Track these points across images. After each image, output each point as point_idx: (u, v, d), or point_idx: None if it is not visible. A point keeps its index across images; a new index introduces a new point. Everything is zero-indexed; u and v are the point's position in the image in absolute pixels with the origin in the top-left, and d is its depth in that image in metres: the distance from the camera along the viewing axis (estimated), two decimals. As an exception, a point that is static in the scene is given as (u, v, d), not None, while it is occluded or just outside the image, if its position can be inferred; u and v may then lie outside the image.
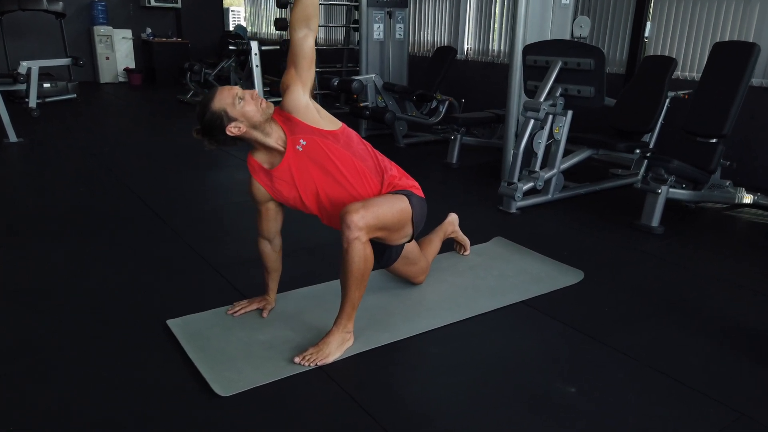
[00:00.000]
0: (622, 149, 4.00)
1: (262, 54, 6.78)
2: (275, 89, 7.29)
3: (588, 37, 4.68)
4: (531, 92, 3.98)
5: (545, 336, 2.30)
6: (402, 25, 6.14)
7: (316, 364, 2.04)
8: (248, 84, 7.10)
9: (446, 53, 6.00)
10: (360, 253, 1.99)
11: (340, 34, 8.91)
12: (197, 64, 8.48)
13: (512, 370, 2.06)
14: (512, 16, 4.25)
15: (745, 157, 4.40)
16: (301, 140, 2.12)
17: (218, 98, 2.06)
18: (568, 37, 4.49)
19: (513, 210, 3.77)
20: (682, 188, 3.64)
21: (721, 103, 3.53)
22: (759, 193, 3.93)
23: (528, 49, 3.92)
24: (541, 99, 3.69)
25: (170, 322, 2.30)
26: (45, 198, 4.07)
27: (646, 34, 5.06)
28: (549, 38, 4.32)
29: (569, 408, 1.85)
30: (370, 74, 5.78)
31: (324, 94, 7.32)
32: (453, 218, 2.94)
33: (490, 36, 6.60)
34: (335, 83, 5.67)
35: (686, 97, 4.48)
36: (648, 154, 3.98)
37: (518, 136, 3.81)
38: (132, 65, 10.89)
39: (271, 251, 2.38)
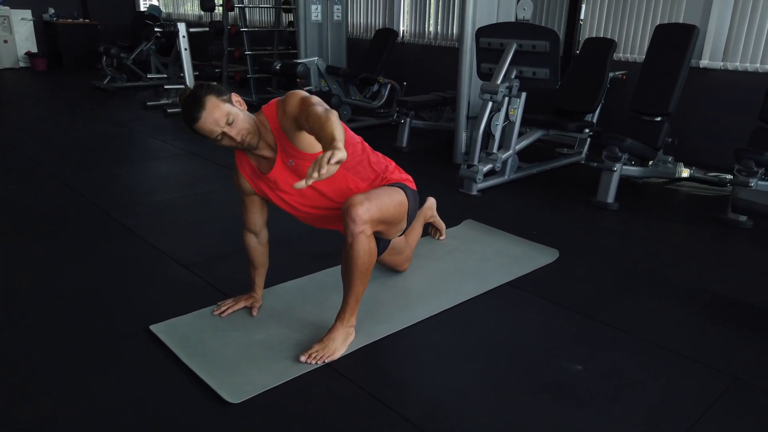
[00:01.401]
0: (573, 129, 4.14)
1: (191, 36, 6.42)
2: (206, 74, 6.96)
3: (530, 19, 4.78)
4: (485, 75, 4.01)
5: (538, 316, 2.35)
6: (339, 6, 6.01)
7: (324, 361, 1.97)
8: (175, 68, 6.72)
9: (387, 36, 5.94)
10: (365, 246, 1.93)
11: (271, 16, 8.58)
12: (114, 47, 7.93)
13: (516, 353, 2.09)
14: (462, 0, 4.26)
15: (681, 134, 4.67)
16: (291, 161, 2.03)
17: (201, 125, 1.87)
18: (513, 19, 4.56)
19: (474, 192, 3.81)
20: (632, 165, 3.81)
21: (665, 82, 3.72)
22: (694, 167, 4.20)
23: (481, 32, 3.95)
24: (498, 81, 3.73)
25: (154, 328, 2.15)
26: (-32, 198, 3.69)
27: (581, 16, 5.23)
28: (496, 21, 4.37)
29: (582, 387, 1.89)
30: (311, 57, 5.62)
31: (258, 78, 7.06)
32: (431, 203, 2.93)
33: (426, 18, 6.59)
34: (277, 67, 5.48)
35: (624, 77, 4.69)
36: (592, 134, 4.15)
37: (477, 119, 3.84)
38: (34, 49, 10.05)
39: (258, 245, 2.27)
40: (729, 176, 4.11)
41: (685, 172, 4.14)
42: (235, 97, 1.96)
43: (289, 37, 7.83)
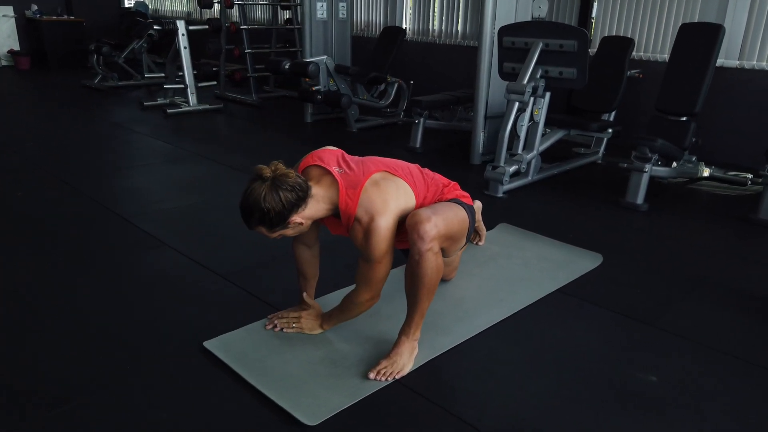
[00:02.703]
0: (595, 129, 4.10)
1: (190, 35, 6.27)
2: (203, 73, 6.80)
3: (546, 17, 4.74)
4: (508, 74, 3.95)
5: (598, 324, 2.30)
6: (345, 4, 5.90)
7: (394, 378, 1.90)
8: (173, 67, 6.55)
9: (394, 34, 5.86)
10: (432, 264, 1.85)
11: (268, 13, 8.41)
12: (105, 45, 7.71)
13: (585, 363, 2.03)
14: (482, -3, 4.19)
15: (702, 133, 4.67)
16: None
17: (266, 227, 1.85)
18: (530, 17, 4.51)
19: (500, 194, 3.75)
20: (659, 165, 3.79)
21: (691, 82, 3.70)
22: (713, 167, 4.20)
23: (504, 31, 3.89)
24: (524, 81, 3.68)
25: (208, 344, 2.05)
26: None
27: (593, 14, 5.21)
28: (515, 19, 4.31)
29: (659, 399, 1.85)
30: (320, 56, 5.51)
31: (259, 77, 6.91)
32: (478, 206, 2.82)
33: (431, 16, 6.52)
34: (286, 66, 5.35)
35: (641, 76, 4.68)
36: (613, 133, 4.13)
37: (504, 119, 3.78)
38: (16, 47, 9.74)
39: (311, 256, 2.18)
40: (749, 175, 4.12)
41: (706, 172, 4.14)
42: (296, 217, 1.82)
43: (287, 35, 7.69)
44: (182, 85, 6.34)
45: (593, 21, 5.22)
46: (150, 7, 11.22)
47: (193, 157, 4.63)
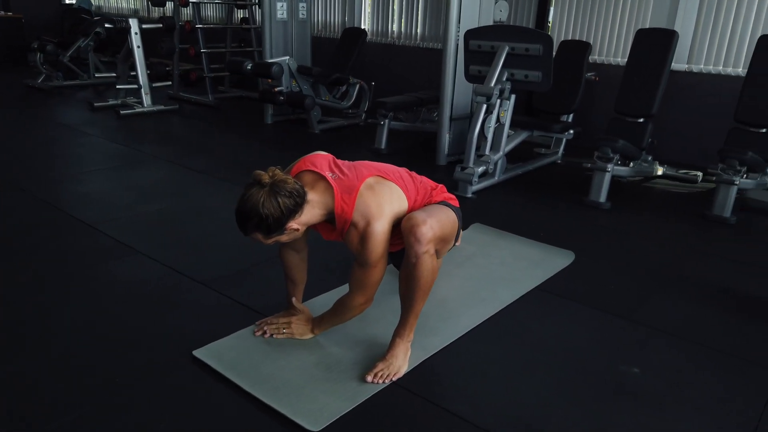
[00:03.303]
0: (558, 130, 4.23)
1: (143, 33, 6.09)
2: (156, 72, 6.61)
3: (506, 20, 4.85)
4: (474, 77, 4.03)
5: (577, 319, 2.38)
6: (304, 4, 5.85)
7: (391, 380, 1.92)
8: (125, 67, 6.34)
9: (356, 35, 5.86)
10: (429, 266, 1.88)
11: (222, 12, 8.24)
12: (50, 44, 7.38)
13: (571, 358, 2.11)
14: (447, 1, 4.25)
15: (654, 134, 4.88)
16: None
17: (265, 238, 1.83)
18: (492, 21, 4.61)
19: (469, 194, 3.83)
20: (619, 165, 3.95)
21: (648, 85, 3.87)
22: (666, 165, 4.42)
23: (471, 34, 3.96)
24: (491, 84, 3.76)
25: (198, 353, 2.01)
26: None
27: (550, 18, 5.36)
28: (478, 23, 4.40)
29: (647, 390, 1.94)
30: (280, 57, 5.46)
31: (214, 77, 6.78)
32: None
33: (390, 17, 6.55)
34: (248, 67, 5.27)
35: (596, 79, 4.85)
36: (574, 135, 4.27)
37: (472, 121, 3.85)
38: (-52, 44, 9.21)
39: (300, 261, 2.17)
40: (699, 173, 4.35)
41: (660, 170, 4.35)
42: (293, 223, 1.80)
43: (242, 34, 7.57)
44: (135, 86, 6.15)
45: (550, 25, 5.37)
46: (93, 3, 10.81)
47: (153, 161, 4.51)
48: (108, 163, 4.41)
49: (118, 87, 6.24)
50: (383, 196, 1.91)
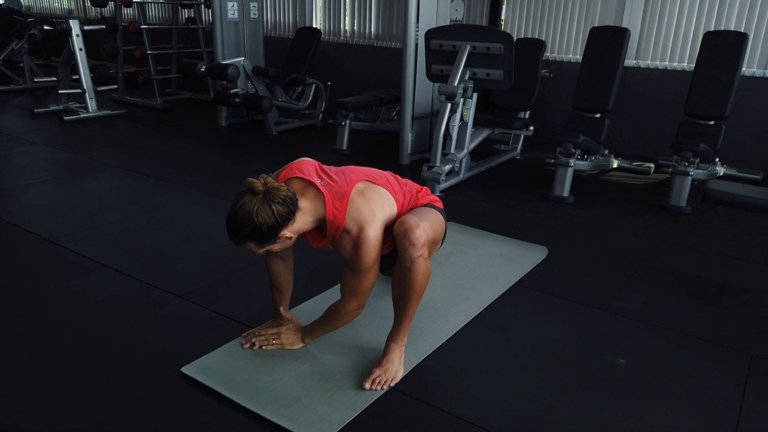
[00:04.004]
0: (518, 127, 4.31)
1: (85, 35, 5.82)
2: (99, 75, 6.34)
3: (462, 19, 4.91)
4: (436, 76, 4.06)
5: (559, 313, 2.44)
6: (256, 4, 5.74)
7: (389, 386, 1.91)
8: (66, 70, 6.05)
9: (310, 35, 5.79)
10: (423, 269, 1.88)
11: (167, 12, 7.96)
12: (-20, 47, 6.96)
13: (559, 351, 2.15)
14: (405, 1, 4.25)
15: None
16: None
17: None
18: (449, 20, 4.65)
19: (437, 193, 3.85)
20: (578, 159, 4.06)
21: (603, 81, 4.00)
22: (620, 158, 4.58)
23: (432, 34, 3.98)
24: (455, 83, 3.79)
25: (187, 370, 1.95)
26: None
27: (502, 16, 5.46)
28: (436, 22, 4.43)
29: (634, 378, 2.00)
30: (232, 58, 5.33)
31: (162, 79, 6.56)
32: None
33: (342, 16, 6.51)
34: (202, 69, 5.12)
35: (550, 75, 4.97)
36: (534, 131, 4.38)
37: (438, 120, 3.88)
38: None
39: (285, 269, 2.13)
40: (650, 165, 4.53)
41: (615, 163, 4.50)
42: (286, 232, 1.77)
43: (188, 34, 7.36)
44: (79, 90, 5.88)
45: (503, 23, 5.47)
46: (23, 3, 10.27)
47: (106, 168, 4.33)
48: (58, 173, 4.20)
49: (60, 92, 5.94)
50: (375, 201, 1.90)
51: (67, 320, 2.26)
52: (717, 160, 4.07)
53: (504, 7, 5.44)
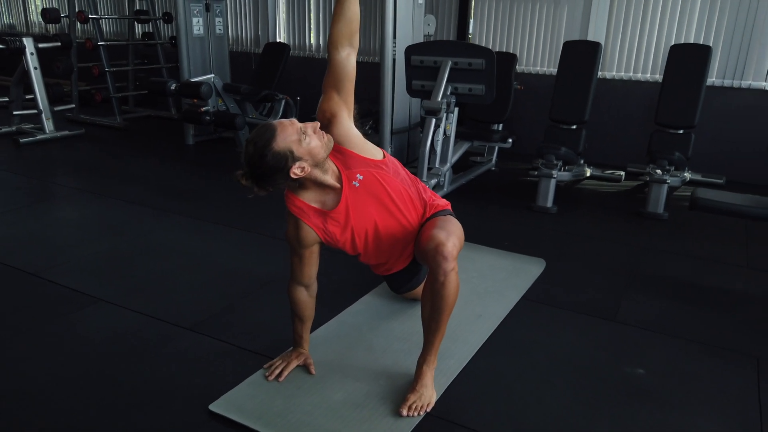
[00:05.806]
0: (497, 140, 4.39)
1: (39, 53, 5.57)
2: (53, 93, 6.06)
3: (433, 33, 4.97)
4: (417, 91, 4.08)
5: (569, 326, 2.48)
6: (221, 19, 5.64)
7: (426, 411, 1.90)
8: (19, 90, 5.76)
9: (279, 50, 5.73)
10: (455, 283, 1.89)
11: (123, 27, 7.70)
12: None
13: (579, 365, 2.19)
14: (382, 16, 4.27)
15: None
16: (358, 175, 1.92)
17: (281, 136, 1.74)
18: (423, 35, 4.69)
19: (424, 208, 3.86)
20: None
21: (578, 94, 4.12)
22: (593, 167, 4.73)
23: (412, 50, 4.01)
24: (438, 98, 3.83)
25: (215, 407, 1.88)
26: None
27: (470, 31, 5.55)
28: (412, 37, 4.46)
29: (654, 389, 2.06)
30: (203, 75, 5.21)
31: (122, 97, 6.34)
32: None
33: (307, 30, 6.47)
34: (172, 87, 4.98)
35: (521, 87, 5.08)
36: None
37: (423, 136, 3.90)
38: None
39: (308, 298, 2.09)
40: (621, 173, 4.69)
41: (588, 172, 4.64)
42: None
43: (145, 50, 7.15)
44: (34, 111, 5.61)
45: (470, 37, 5.56)
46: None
47: (76, 193, 4.14)
48: (24, 201, 3.99)
49: (14, 113, 5.65)
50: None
51: (71, 362, 2.15)
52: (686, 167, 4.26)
53: (471, 21, 5.53)
